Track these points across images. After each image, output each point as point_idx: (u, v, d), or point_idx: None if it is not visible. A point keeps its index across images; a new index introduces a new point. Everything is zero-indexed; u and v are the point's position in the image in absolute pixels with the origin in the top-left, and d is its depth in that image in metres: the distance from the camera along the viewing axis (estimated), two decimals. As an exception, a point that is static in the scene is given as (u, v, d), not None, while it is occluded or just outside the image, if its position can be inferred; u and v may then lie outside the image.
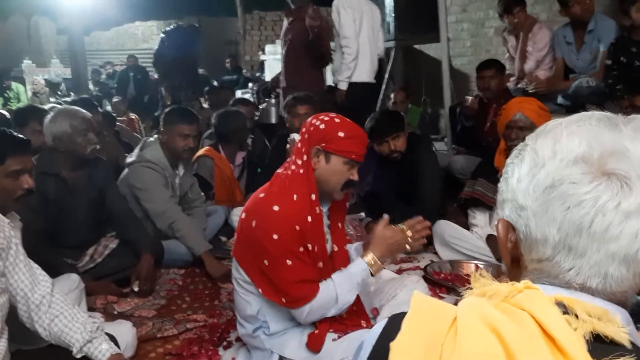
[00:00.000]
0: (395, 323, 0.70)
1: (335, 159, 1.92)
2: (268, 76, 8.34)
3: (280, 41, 4.98)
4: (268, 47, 9.54)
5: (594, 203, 0.62)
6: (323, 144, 1.92)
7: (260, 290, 1.92)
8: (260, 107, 5.71)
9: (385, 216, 2.07)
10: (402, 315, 0.69)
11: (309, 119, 2.00)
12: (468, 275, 0.72)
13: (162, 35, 5.98)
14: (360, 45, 4.42)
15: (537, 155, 0.68)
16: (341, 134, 1.91)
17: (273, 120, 5.35)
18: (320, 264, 1.97)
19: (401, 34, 5.28)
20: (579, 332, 0.60)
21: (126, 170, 3.23)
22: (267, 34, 11.09)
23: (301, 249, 1.88)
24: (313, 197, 1.91)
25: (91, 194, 2.86)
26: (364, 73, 4.52)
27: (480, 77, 3.95)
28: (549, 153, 0.67)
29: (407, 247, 2.03)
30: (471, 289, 0.70)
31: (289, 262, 1.85)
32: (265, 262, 1.86)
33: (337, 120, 1.96)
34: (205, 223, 3.47)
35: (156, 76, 7.37)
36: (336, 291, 1.91)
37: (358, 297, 2.14)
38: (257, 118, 5.00)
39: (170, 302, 2.76)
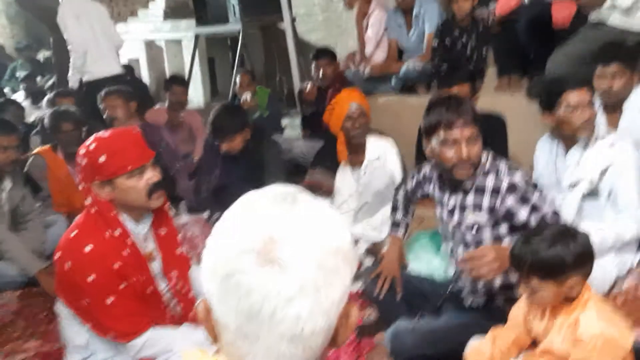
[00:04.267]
0: None
1: (118, 181, 1.80)
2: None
3: None
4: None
5: (260, 291, 0.66)
6: (97, 178, 1.80)
7: (88, 325, 1.86)
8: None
9: None
10: None
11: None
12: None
13: None
14: (89, 43, 4.52)
15: (217, 245, 0.72)
16: (102, 159, 1.76)
17: None
18: (151, 288, 1.92)
19: (248, 16, 5.21)
20: None
21: (-58, 191, 2.94)
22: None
23: (123, 285, 1.82)
24: (117, 232, 1.83)
25: None
26: (104, 67, 4.63)
27: (315, 65, 4.01)
28: (225, 242, 0.71)
29: None
30: None
31: (109, 300, 1.79)
32: (86, 301, 1.80)
33: (92, 146, 1.79)
34: (44, 235, 3.27)
35: None
36: (175, 339, 1.86)
37: None
38: None
39: (0, 330, 2.60)
